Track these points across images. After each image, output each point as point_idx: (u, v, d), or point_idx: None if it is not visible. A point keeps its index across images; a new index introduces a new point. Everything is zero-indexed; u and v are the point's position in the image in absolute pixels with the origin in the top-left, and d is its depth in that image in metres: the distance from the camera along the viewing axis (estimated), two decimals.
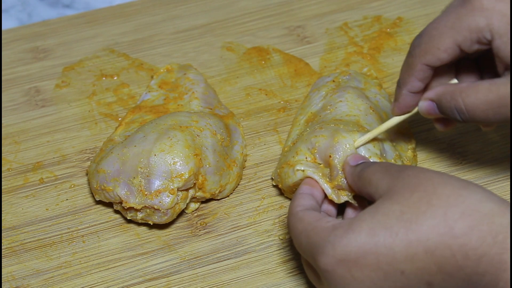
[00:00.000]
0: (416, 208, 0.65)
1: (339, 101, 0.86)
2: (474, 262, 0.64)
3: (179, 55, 1.00)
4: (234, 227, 0.83)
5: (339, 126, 0.81)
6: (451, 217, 0.64)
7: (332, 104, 0.87)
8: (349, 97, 0.86)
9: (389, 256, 0.65)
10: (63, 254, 0.82)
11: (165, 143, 0.80)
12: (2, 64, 0.99)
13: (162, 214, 0.80)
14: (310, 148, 0.80)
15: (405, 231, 0.65)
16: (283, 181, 0.82)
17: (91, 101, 0.95)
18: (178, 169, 0.79)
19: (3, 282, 0.79)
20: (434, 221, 0.65)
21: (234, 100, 0.95)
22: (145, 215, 0.80)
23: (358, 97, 0.86)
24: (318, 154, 0.79)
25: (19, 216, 0.85)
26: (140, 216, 0.81)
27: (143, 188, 0.80)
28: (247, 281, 0.79)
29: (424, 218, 0.65)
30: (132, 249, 0.82)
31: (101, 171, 0.82)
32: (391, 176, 0.69)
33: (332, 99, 0.87)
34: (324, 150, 0.79)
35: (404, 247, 0.65)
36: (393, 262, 0.65)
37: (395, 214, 0.66)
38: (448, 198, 0.65)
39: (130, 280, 0.80)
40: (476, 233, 0.64)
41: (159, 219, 0.80)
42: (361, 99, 0.86)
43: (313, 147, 0.80)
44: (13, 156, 0.90)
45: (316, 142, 0.80)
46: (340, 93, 0.87)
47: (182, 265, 0.81)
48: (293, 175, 0.79)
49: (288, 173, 0.80)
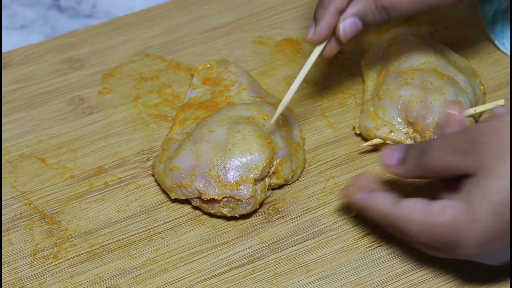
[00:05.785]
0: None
1: (408, 49, 0.90)
2: None
3: (213, 52, 1.02)
4: (305, 209, 0.86)
5: (426, 84, 0.85)
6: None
7: (402, 53, 0.90)
8: (413, 45, 0.90)
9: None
10: (145, 252, 0.83)
11: (236, 136, 0.82)
12: (39, 76, 0.99)
13: (245, 204, 0.81)
14: (400, 108, 0.86)
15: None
16: (369, 134, 0.88)
17: (137, 104, 0.96)
18: (254, 159, 0.81)
19: (93, 284, 0.80)
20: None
21: (277, 90, 0.97)
22: (230, 209, 0.82)
23: (422, 43, 0.91)
24: (409, 114, 0.85)
25: (92, 220, 0.85)
26: (224, 210, 0.82)
27: (221, 178, 0.81)
28: (330, 258, 0.82)
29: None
30: (211, 240, 0.83)
31: (175, 169, 0.83)
32: (467, 152, 0.69)
33: (399, 49, 0.91)
34: (415, 112, 0.84)
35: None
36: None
37: (506, 190, 0.66)
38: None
39: (217, 270, 0.81)
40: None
41: (244, 210, 0.82)
42: (424, 44, 0.91)
43: (403, 107, 0.86)
44: (72, 164, 0.90)
45: (407, 102, 0.85)
46: (404, 43, 0.91)
47: (264, 250, 0.83)
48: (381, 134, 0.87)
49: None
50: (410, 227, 0.71)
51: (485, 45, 0.99)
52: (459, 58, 0.94)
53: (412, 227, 0.71)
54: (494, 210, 0.67)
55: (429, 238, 0.70)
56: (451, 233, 0.69)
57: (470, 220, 0.68)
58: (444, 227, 0.69)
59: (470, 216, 0.68)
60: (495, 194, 0.67)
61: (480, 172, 0.68)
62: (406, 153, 0.74)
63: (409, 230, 0.71)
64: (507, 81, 0.96)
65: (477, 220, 0.68)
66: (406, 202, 0.72)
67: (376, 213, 0.74)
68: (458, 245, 0.69)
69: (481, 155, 0.68)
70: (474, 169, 0.68)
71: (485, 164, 0.68)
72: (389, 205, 0.73)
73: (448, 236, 0.69)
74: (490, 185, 0.67)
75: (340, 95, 0.96)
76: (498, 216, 0.67)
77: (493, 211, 0.67)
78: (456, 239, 0.69)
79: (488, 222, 0.67)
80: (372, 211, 0.74)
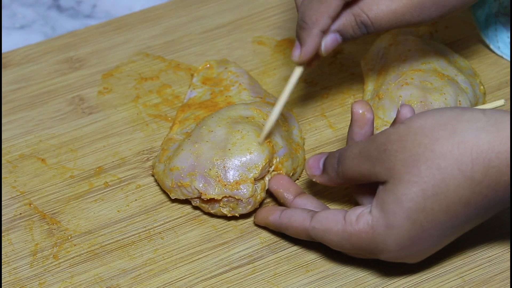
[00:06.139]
0: (432, 178, 0.68)
1: (408, 49, 0.90)
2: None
3: (213, 52, 1.02)
4: None
5: (426, 84, 0.85)
6: (464, 166, 0.67)
7: (402, 53, 0.90)
8: (413, 45, 0.90)
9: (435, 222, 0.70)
10: (144, 252, 0.83)
11: (236, 136, 0.82)
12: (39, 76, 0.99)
13: (245, 204, 0.81)
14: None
15: (438, 206, 0.69)
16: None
17: (137, 104, 0.96)
18: (254, 159, 0.82)
19: (93, 284, 0.80)
20: (456, 181, 0.68)
21: (276, 90, 0.97)
22: (230, 209, 0.82)
23: (422, 43, 0.91)
24: None
25: (92, 220, 0.85)
26: (225, 210, 0.82)
27: (220, 178, 0.81)
28: (330, 258, 0.81)
29: (445, 185, 0.68)
30: (211, 240, 0.83)
31: (174, 169, 0.83)
32: (379, 160, 0.71)
33: (399, 49, 0.91)
34: (415, 112, 0.84)
35: (444, 213, 0.69)
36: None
37: (418, 196, 0.69)
38: (450, 152, 0.68)
39: (217, 270, 0.81)
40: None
41: (244, 210, 0.82)
42: (424, 44, 0.91)
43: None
44: (72, 164, 0.90)
45: (406, 102, 0.85)
46: (403, 43, 0.91)
47: (264, 250, 0.83)
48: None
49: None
50: (330, 238, 0.74)
51: (485, 45, 0.99)
52: (459, 58, 0.94)
53: (331, 237, 0.74)
54: (408, 216, 0.69)
55: (349, 246, 0.74)
56: (370, 240, 0.72)
57: (386, 226, 0.70)
58: (363, 235, 0.72)
59: (386, 223, 0.70)
60: (408, 201, 0.69)
61: (393, 179, 0.70)
62: (325, 162, 0.76)
63: (329, 240, 0.75)
64: (507, 81, 0.96)
65: (394, 227, 0.70)
66: (322, 214, 0.75)
67: (295, 229, 0.78)
68: (377, 250, 0.72)
69: (392, 163, 0.70)
70: (387, 176, 0.70)
71: (397, 172, 0.69)
72: (306, 220, 0.76)
73: (368, 243, 0.72)
74: (403, 193, 0.69)
75: (340, 95, 0.96)
76: (413, 222, 0.70)
77: (407, 217, 0.69)
78: (375, 245, 0.72)
79: (404, 228, 0.70)
80: (291, 228, 0.78)
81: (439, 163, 0.68)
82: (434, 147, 0.68)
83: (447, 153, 0.68)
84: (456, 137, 0.68)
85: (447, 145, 0.68)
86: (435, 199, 0.69)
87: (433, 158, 0.68)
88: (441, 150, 0.68)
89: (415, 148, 0.69)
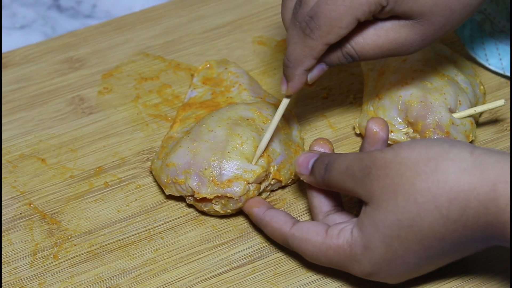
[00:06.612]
0: (408, 210, 0.69)
1: None
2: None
3: (213, 52, 1.02)
4: (306, 210, 0.86)
5: (426, 84, 0.86)
6: (441, 205, 0.68)
7: None
8: None
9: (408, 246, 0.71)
10: (144, 252, 0.83)
11: (236, 140, 0.83)
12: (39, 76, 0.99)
13: (236, 201, 0.82)
14: (400, 108, 0.86)
15: (413, 237, 0.70)
16: None
17: (137, 104, 0.96)
18: (251, 167, 0.82)
19: (93, 284, 0.80)
20: (432, 217, 0.68)
21: (277, 90, 0.97)
22: (222, 205, 0.82)
23: None
24: (409, 114, 0.85)
25: (92, 220, 0.85)
26: (216, 207, 0.82)
27: (214, 178, 0.81)
28: None
29: (420, 219, 0.69)
30: (211, 240, 0.84)
31: (171, 165, 0.83)
32: (362, 182, 0.72)
33: None
34: (415, 112, 0.85)
35: (418, 243, 0.70)
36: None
37: (394, 224, 0.70)
38: (429, 189, 0.68)
39: (217, 270, 0.81)
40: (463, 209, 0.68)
41: (235, 206, 0.82)
42: None
43: (403, 107, 0.86)
44: (72, 164, 0.90)
45: (406, 102, 0.85)
46: None
47: (264, 250, 0.83)
48: None
49: None
50: (307, 248, 0.75)
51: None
52: (459, 58, 0.94)
53: (308, 247, 0.75)
54: (384, 241, 0.71)
55: (325, 259, 0.75)
56: (346, 256, 0.73)
57: (363, 247, 0.72)
58: (340, 250, 0.74)
59: (363, 243, 0.72)
60: (384, 227, 0.70)
61: (372, 204, 0.71)
62: (314, 165, 0.77)
63: (305, 250, 0.76)
64: (507, 81, 0.96)
65: (370, 248, 0.72)
66: (305, 224, 0.76)
67: (273, 230, 0.79)
68: (352, 268, 0.74)
69: (373, 188, 0.71)
70: (367, 199, 0.72)
71: (376, 198, 0.71)
72: (287, 224, 0.77)
73: (344, 259, 0.74)
74: (380, 218, 0.70)
75: (340, 95, 0.96)
76: (387, 247, 0.71)
77: (383, 242, 0.71)
78: (351, 263, 0.74)
79: (379, 250, 0.71)
80: (269, 228, 0.79)
81: (416, 198, 0.69)
82: (414, 181, 0.69)
83: (425, 189, 0.68)
84: (437, 175, 0.68)
85: (426, 182, 0.68)
86: (410, 230, 0.70)
87: (412, 191, 0.69)
88: (420, 185, 0.69)
89: (397, 178, 0.70)
